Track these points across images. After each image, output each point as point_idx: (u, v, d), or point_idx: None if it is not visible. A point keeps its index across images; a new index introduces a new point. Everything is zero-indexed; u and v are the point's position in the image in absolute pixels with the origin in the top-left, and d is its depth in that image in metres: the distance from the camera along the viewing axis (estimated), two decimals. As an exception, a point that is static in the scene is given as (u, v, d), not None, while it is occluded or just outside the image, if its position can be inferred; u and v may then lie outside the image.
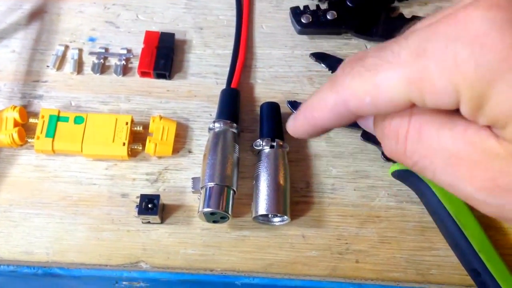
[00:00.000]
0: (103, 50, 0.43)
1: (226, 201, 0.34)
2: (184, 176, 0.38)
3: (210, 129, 0.38)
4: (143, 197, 0.35)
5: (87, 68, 0.42)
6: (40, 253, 0.35)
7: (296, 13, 0.44)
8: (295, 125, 0.24)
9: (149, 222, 0.36)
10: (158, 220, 0.36)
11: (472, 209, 0.35)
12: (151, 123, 0.39)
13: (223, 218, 0.35)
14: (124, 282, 0.38)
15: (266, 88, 0.42)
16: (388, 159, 0.38)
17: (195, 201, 0.37)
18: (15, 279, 0.37)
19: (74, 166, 0.38)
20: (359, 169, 0.39)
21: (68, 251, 0.35)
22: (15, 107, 0.38)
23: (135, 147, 0.38)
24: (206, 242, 0.36)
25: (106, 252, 0.35)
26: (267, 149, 0.37)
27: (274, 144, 0.37)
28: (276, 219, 0.36)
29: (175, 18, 0.45)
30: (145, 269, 0.35)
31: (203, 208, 0.34)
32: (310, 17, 0.44)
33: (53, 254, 0.35)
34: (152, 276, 0.37)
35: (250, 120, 0.41)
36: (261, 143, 0.37)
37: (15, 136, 0.37)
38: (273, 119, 0.39)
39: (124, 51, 0.43)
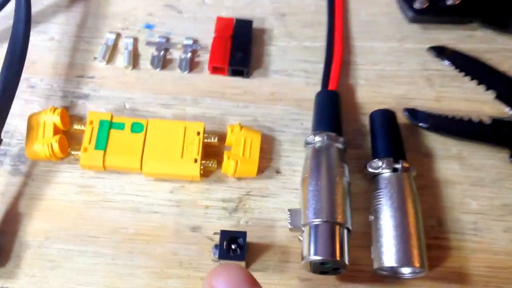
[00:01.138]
0: (164, 40, 0.34)
1: (340, 246, 0.25)
2: (273, 204, 0.29)
3: (308, 143, 0.29)
4: (225, 234, 0.26)
5: (145, 62, 0.33)
6: (86, 307, 0.26)
7: (409, -5, 0.34)
8: None
9: (229, 268, 0.27)
10: (243, 266, 0.26)
11: None
12: (228, 133, 0.30)
13: (336, 269, 0.25)
14: None
15: (371, 91, 0.33)
16: (552, 190, 0.28)
17: (290, 240, 0.28)
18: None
19: (130, 188, 0.29)
20: (509, 202, 0.29)
21: (123, 306, 0.26)
22: (55, 109, 0.30)
23: (209, 164, 0.29)
24: (307, 298, 0.27)
25: (174, 308, 0.26)
26: (387, 172, 0.28)
27: (398, 166, 0.27)
28: (406, 271, 0.27)
29: (251, 2, 0.36)
30: (225, 334, 0.26)
31: (310, 255, 0.24)
32: (426, 1, 0.34)
33: (102, 309, 0.26)
34: None
35: (354, 132, 0.31)
36: (379, 164, 0.28)
37: (55, 146, 0.28)
38: (391, 132, 0.29)
39: (190, 42, 0.34)
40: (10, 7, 0.32)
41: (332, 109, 0.30)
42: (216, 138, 0.30)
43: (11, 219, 0.28)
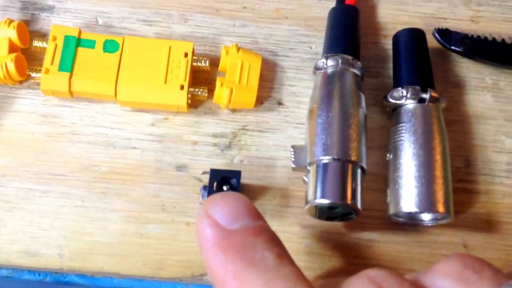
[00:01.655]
0: None
1: (353, 187, 0.21)
2: (272, 141, 0.25)
3: (318, 68, 0.24)
4: (215, 173, 0.22)
5: (122, -31, 0.28)
6: (50, 254, 0.22)
7: None
8: None
9: (220, 213, 0.23)
10: (236, 211, 0.22)
11: None
12: (222, 56, 0.25)
13: (346, 215, 0.21)
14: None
15: (395, 8, 0.28)
16: None
17: (292, 181, 0.24)
18: (14, 284, 0.25)
19: (103, 119, 0.25)
20: (551, 141, 0.25)
21: (94, 254, 0.22)
22: (11, 21, 0.25)
23: (198, 93, 0.24)
24: (310, 248, 0.23)
25: (154, 257, 0.22)
26: (412, 103, 0.23)
27: (426, 96, 0.23)
28: (426, 217, 0.23)
29: None
30: (214, 287, 0.22)
31: (317, 198, 0.20)
32: None
33: (69, 257, 0.22)
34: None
35: (372, 58, 0.27)
36: (402, 93, 0.23)
37: (11, 66, 0.24)
38: (419, 56, 0.24)
39: None
40: None
41: (349, 29, 0.25)
42: (207, 62, 0.25)
43: (-39, 152, 0.24)
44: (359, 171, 0.21)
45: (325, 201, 0.20)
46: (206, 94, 0.25)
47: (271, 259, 0.16)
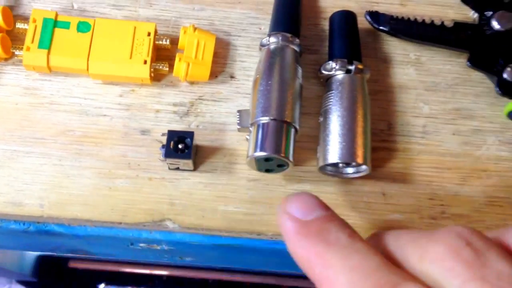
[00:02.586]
0: None
1: (286, 143, 0.25)
2: (224, 109, 0.29)
3: (263, 45, 0.28)
4: (172, 134, 0.26)
5: (94, -40, 0.31)
6: (32, 204, 0.26)
7: None
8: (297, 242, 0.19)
9: (178, 169, 0.27)
10: (191, 166, 0.26)
11: None
12: (181, 35, 0.29)
13: (281, 166, 0.25)
14: (141, 244, 0.29)
15: (334, -6, 0.31)
16: (504, 93, 0.28)
17: (239, 143, 0.28)
18: (2, 235, 0.29)
19: (78, 91, 0.28)
20: (461, 106, 0.29)
21: (70, 204, 0.26)
22: (-4, 6, 0.28)
23: (160, 67, 0.28)
24: (254, 198, 0.27)
25: (121, 206, 0.26)
26: (340, 74, 0.27)
27: (352, 67, 0.27)
28: (350, 170, 0.27)
29: None
30: (171, 230, 0.27)
31: (255, 151, 0.24)
32: None
33: (49, 207, 0.26)
34: (179, 239, 0.28)
35: (312, 37, 0.30)
36: (333, 66, 0.27)
37: (-3, 45, 0.27)
38: (349, 35, 0.28)
39: None
40: None
41: (291, 10, 0.29)
42: (168, 41, 0.29)
43: (-46, 119, 0.27)
44: (292, 130, 0.25)
45: (262, 154, 0.24)
46: (167, 69, 0.29)
47: (344, 238, 0.19)
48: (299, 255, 0.19)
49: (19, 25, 0.28)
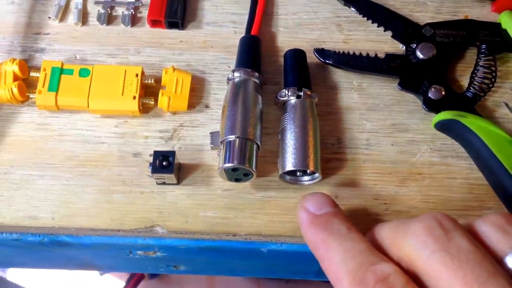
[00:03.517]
0: (109, -1, 0.39)
1: (249, 155, 0.31)
2: (202, 133, 0.35)
3: (229, 79, 0.34)
4: (157, 153, 0.31)
5: (92, 19, 0.38)
6: (45, 217, 0.32)
7: (321, -49, 0.39)
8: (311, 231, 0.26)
9: (164, 183, 0.33)
10: (174, 180, 0.32)
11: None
12: (163, 75, 0.35)
13: (247, 176, 0.31)
14: (139, 252, 0.35)
15: (289, 36, 0.38)
16: (430, 109, 0.34)
17: (215, 160, 0.34)
18: (20, 250, 0.34)
19: (81, 124, 0.35)
20: (397, 122, 0.35)
21: (76, 215, 0.32)
22: (14, 60, 0.35)
23: (147, 101, 0.35)
24: (228, 204, 0.32)
25: (118, 216, 0.32)
26: (293, 99, 0.33)
27: (301, 93, 0.33)
28: (306, 178, 0.33)
29: (187, -36, 0.41)
30: (161, 235, 0.32)
31: (224, 163, 0.30)
32: (337, -43, 0.39)
33: (59, 219, 0.32)
34: (169, 243, 0.33)
35: (273, 72, 0.37)
36: (286, 93, 0.33)
37: (15, 90, 0.34)
38: (299, 67, 0.35)
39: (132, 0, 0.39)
40: (-30, -26, 0.37)
41: (252, 50, 0.36)
42: (153, 80, 0.35)
43: (-20, 152, 0.33)
44: (254, 146, 0.31)
45: (230, 165, 0.30)
46: (153, 102, 0.35)
47: (343, 229, 0.25)
48: (309, 239, 0.26)
49: (33, 74, 0.35)
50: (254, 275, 0.45)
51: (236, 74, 0.34)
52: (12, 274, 1.09)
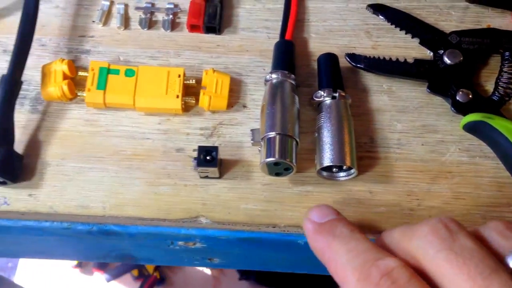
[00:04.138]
0: (150, 5, 0.41)
1: (289, 150, 0.32)
2: (240, 131, 0.36)
3: (266, 80, 0.36)
4: (201, 149, 0.33)
5: (134, 23, 0.41)
6: (96, 207, 0.33)
7: (351, -37, 0.41)
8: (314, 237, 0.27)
9: (207, 177, 0.34)
10: (217, 174, 0.34)
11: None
12: (204, 76, 0.37)
13: (287, 170, 0.33)
14: (179, 242, 0.36)
15: (321, 42, 0.40)
16: (458, 111, 0.36)
17: (253, 156, 0.35)
18: (67, 239, 0.36)
19: (126, 121, 0.37)
20: (426, 123, 0.37)
21: (125, 205, 0.33)
22: (63, 60, 0.37)
23: (189, 100, 0.37)
24: (268, 198, 0.34)
25: (165, 206, 0.34)
26: (328, 100, 0.35)
27: (336, 94, 0.35)
28: (342, 174, 0.34)
29: (222, -27, 0.43)
30: (205, 225, 0.34)
31: (266, 158, 0.32)
32: (366, -31, 0.41)
33: (109, 208, 0.33)
34: (211, 234, 0.35)
35: (306, 75, 0.39)
36: (322, 94, 0.35)
37: (65, 88, 0.36)
38: (333, 70, 0.37)
39: (171, 6, 0.41)
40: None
41: (287, 54, 0.38)
42: (194, 80, 0.37)
43: (33, 145, 0.35)
44: (294, 142, 0.33)
45: (272, 159, 0.32)
46: (194, 101, 0.37)
47: (346, 231, 0.26)
48: (315, 247, 0.27)
49: (81, 73, 0.37)
50: (284, 269, 0.46)
51: (274, 75, 0.36)
52: (19, 277, 1.10)
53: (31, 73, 0.38)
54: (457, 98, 0.36)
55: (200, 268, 1.08)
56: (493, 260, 0.22)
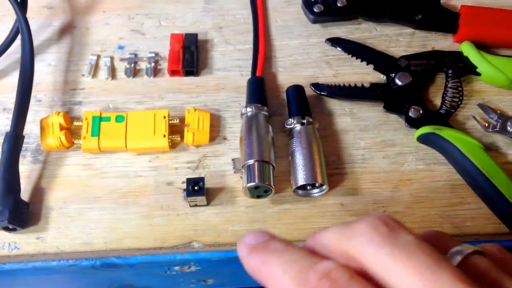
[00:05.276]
0: (133, 56, 0.46)
1: (268, 174, 0.37)
2: (223, 161, 0.41)
3: (242, 114, 0.41)
4: (189, 180, 0.37)
5: (120, 73, 0.45)
6: (98, 242, 0.37)
7: (308, 3, 0.47)
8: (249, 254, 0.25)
9: (196, 205, 0.38)
10: (205, 202, 0.38)
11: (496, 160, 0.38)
12: (186, 115, 0.42)
13: (267, 192, 0.37)
14: (175, 268, 0.40)
15: (288, 75, 0.45)
16: (412, 125, 0.41)
17: (236, 182, 0.40)
18: (72, 275, 0.39)
19: (120, 162, 0.41)
20: (385, 138, 0.42)
21: (124, 238, 0.37)
22: (59, 112, 0.41)
23: (175, 138, 0.41)
24: (252, 218, 0.38)
25: (160, 235, 0.37)
26: (298, 126, 0.40)
27: (305, 121, 0.40)
28: (315, 190, 0.39)
29: (195, 21, 0.48)
30: (197, 249, 0.37)
31: (248, 183, 0.36)
32: (322, 6, 0.47)
33: (110, 242, 0.37)
34: (203, 256, 0.39)
35: (277, 105, 0.44)
36: (292, 121, 0.40)
37: (63, 138, 0.40)
38: (300, 99, 0.42)
39: (153, 55, 0.46)
40: (17, 44, 0.43)
41: (258, 89, 0.43)
42: (177, 120, 0.42)
43: (37, 192, 0.39)
44: (271, 166, 0.37)
45: (252, 184, 0.36)
46: (179, 139, 0.41)
47: (281, 246, 0.24)
48: (251, 266, 0.24)
49: (76, 123, 0.41)
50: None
51: (249, 109, 0.40)
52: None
53: (30, 127, 0.42)
54: (410, 114, 0.41)
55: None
56: (439, 254, 0.21)
